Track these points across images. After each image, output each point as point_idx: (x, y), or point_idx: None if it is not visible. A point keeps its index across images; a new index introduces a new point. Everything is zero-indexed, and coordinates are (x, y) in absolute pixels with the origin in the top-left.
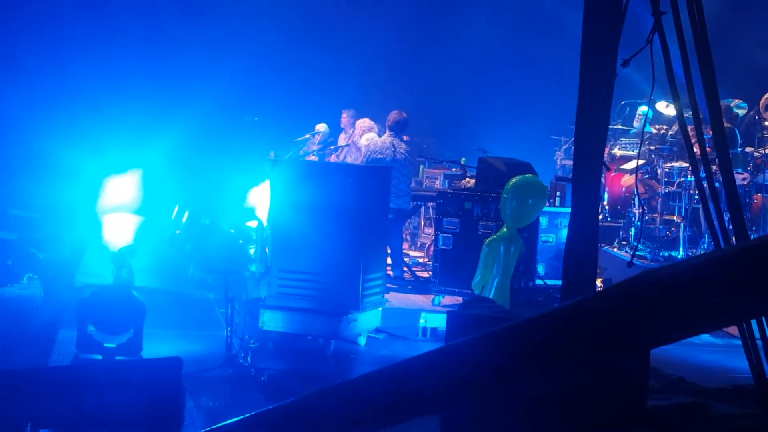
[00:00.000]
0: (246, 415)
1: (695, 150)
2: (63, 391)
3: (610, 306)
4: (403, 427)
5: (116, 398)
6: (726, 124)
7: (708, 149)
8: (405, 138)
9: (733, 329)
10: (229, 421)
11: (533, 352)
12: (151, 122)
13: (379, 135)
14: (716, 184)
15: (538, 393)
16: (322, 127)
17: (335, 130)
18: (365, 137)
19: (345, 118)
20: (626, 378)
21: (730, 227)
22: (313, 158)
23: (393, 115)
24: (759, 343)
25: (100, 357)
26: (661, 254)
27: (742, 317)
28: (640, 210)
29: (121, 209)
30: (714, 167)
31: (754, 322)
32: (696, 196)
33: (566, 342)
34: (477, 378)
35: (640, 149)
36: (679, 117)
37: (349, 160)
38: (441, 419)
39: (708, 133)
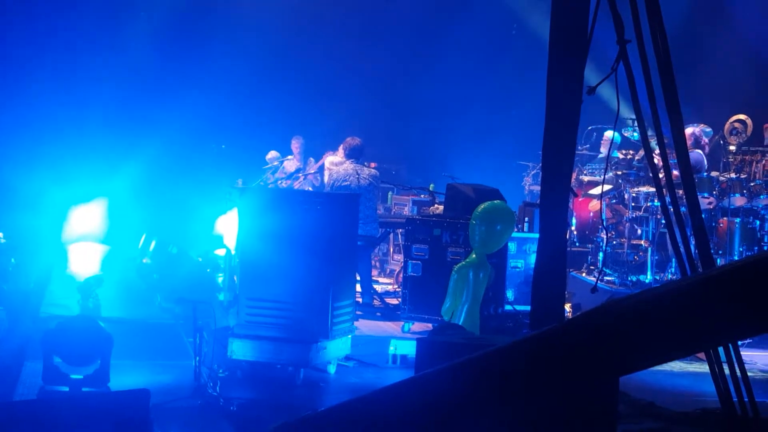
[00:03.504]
0: None
1: (660, 175)
2: (29, 427)
3: (578, 335)
4: None
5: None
6: (693, 149)
7: (674, 174)
8: (372, 165)
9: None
10: None
11: (503, 382)
12: (116, 150)
13: None
14: (682, 209)
15: (509, 422)
16: (273, 154)
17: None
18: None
19: (295, 145)
20: (596, 404)
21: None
22: (284, 184)
23: (348, 142)
24: (726, 367)
25: (66, 389)
26: (629, 279)
27: (707, 344)
28: (608, 235)
29: (87, 238)
30: (680, 192)
31: (720, 348)
32: (663, 221)
33: (535, 371)
34: (447, 408)
35: (605, 174)
36: (644, 142)
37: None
38: None
39: (673, 157)
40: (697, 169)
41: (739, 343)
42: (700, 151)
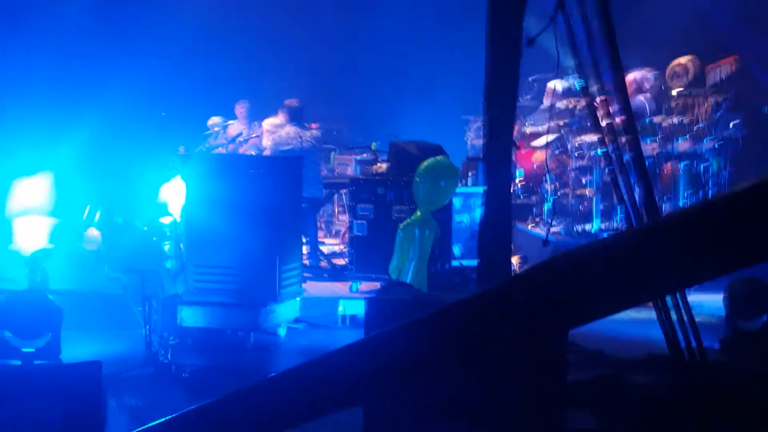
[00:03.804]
0: (164, 419)
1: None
2: None
3: (526, 291)
4: (329, 419)
5: (36, 405)
6: (637, 96)
7: (616, 121)
8: (314, 125)
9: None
10: (149, 425)
11: (452, 340)
12: (58, 121)
13: None
14: (626, 156)
15: (460, 379)
16: (215, 120)
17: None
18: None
19: (239, 109)
20: (546, 357)
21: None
22: (221, 150)
23: (287, 104)
24: (673, 312)
25: (18, 362)
26: (575, 228)
27: (655, 295)
28: (552, 185)
29: (33, 212)
30: (622, 139)
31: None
32: (607, 170)
33: (485, 328)
34: (398, 369)
35: (549, 123)
36: (584, 91)
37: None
38: (364, 411)
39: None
40: (640, 114)
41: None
42: (642, 97)
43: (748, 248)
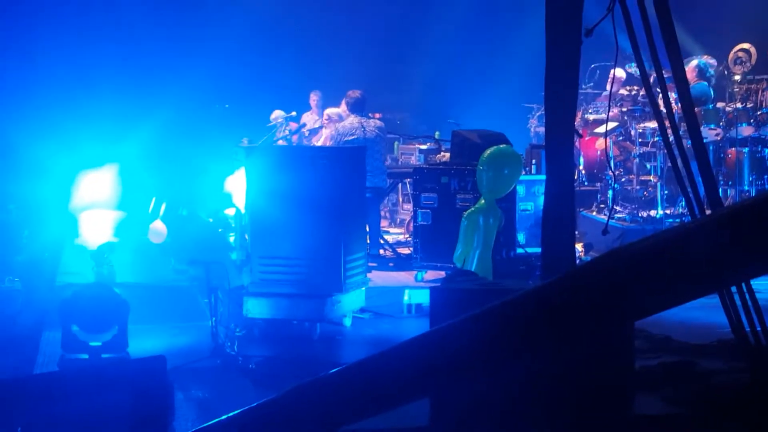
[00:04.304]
0: (233, 413)
1: (663, 111)
2: (51, 397)
3: (591, 282)
4: (395, 412)
5: (104, 400)
6: (699, 81)
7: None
8: (377, 115)
9: None
10: (218, 419)
11: (519, 331)
12: (125, 114)
13: None
14: (688, 143)
15: (527, 369)
16: (279, 113)
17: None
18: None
19: (314, 98)
20: (613, 345)
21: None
22: (282, 143)
23: (349, 95)
24: (737, 298)
25: (86, 356)
26: (639, 215)
27: (720, 286)
28: (616, 172)
29: (98, 206)
30: (683, 126)
31: None
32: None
33: (551, 319)
34: (465, 361)
35: (608, 111)
36: (644, 80)
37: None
38: (431, 403)
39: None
40: (703, 100)
41: None
42: (705, 83)
43: None
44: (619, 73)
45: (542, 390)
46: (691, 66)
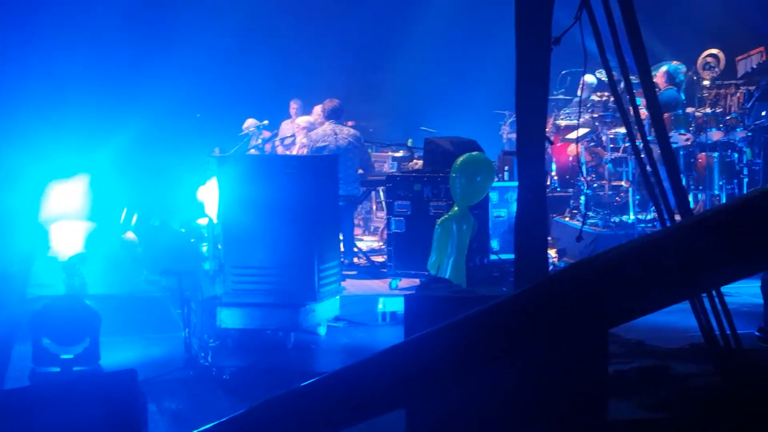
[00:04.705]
0: (205, 427)
1: (633, 118)
2: (21, 412)
3: (564, 292)
4: (371, 423)
5: (75, 415)
6: (668, 86)
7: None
8: (349, 123)
9: None
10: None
11: (495, 339)
12: (94, 124)
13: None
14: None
15: (502, 378)
16: (252, 122)
17: (279, 121)
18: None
19: (293, 107)
20: (587, 352)
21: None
22: (255, 152)
23: (326, 105)
24: (707, 302)
25: (57, 369)
26: (612, 220)
27: (692, 293)
28: (588, 178)
29: (69, 216)
30: (651, 132)
31: None
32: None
33: (526, 325)
34: (441, 369)
35: (579, 117)
36: (612, 86)
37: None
38: (407, 413)
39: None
40: (672, 106)
41: None
42: (674, 89)
43: None
44: (590, 78)
45: (518, 398)
46: (660, 72)
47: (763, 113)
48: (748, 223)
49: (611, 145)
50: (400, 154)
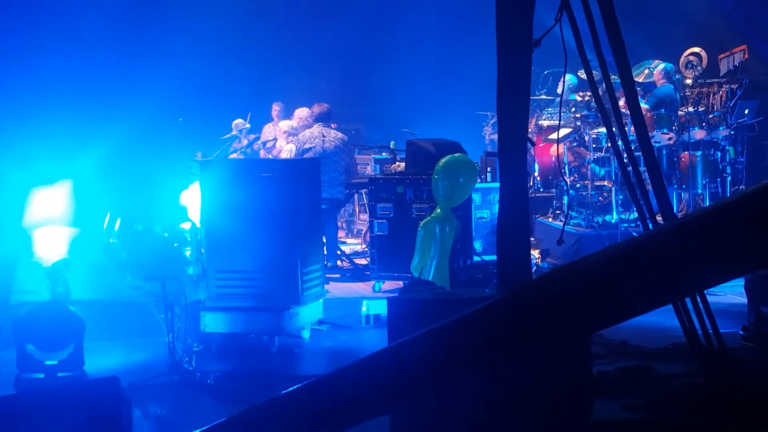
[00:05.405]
0: None
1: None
2: (5, 420)
3: (547, 296)
4: (355, 430)
5: (59, 422)
6: (666, 83)
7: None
8: (332, 126)
9: None
10: None
11: (477, 344)
12: (77, 130)
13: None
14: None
15: (485, 382)
16: (239, 121)
17: (261, 124)
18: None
19: (275, 110)
20: (570, 355)
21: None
22: (237, 155)
23: (315, 109)
24: (689, 302)
25: (42, 375)
26: (595, 220)
27: (675, 297)
28: (571, 178)
29: (52, 222)
30: (632, 131)
31: None
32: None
33: (509, 331)
34: (425, 375)
35: (560, 117)
36: (593, 89)
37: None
38: (391, 419)
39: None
40: (668, 102)
41: None
42: (672, 85)
43: None
44: (570, 78)
45: (502, 401)
46: (658, 69)
47: (746, 111)
48: (732, 226)
49: (594, 145)
50: (383, 155)
